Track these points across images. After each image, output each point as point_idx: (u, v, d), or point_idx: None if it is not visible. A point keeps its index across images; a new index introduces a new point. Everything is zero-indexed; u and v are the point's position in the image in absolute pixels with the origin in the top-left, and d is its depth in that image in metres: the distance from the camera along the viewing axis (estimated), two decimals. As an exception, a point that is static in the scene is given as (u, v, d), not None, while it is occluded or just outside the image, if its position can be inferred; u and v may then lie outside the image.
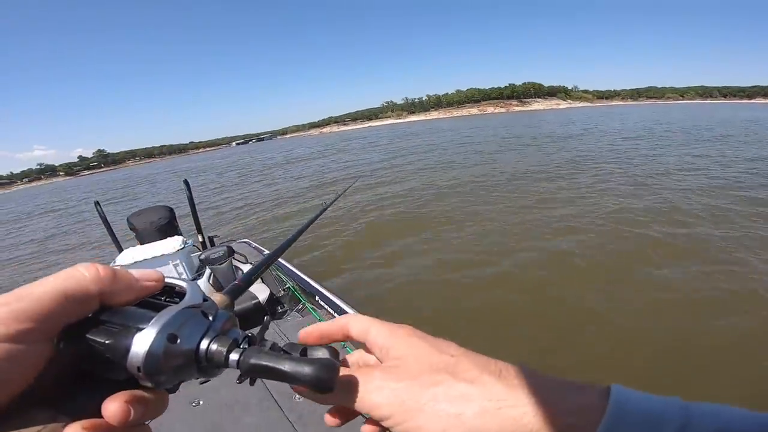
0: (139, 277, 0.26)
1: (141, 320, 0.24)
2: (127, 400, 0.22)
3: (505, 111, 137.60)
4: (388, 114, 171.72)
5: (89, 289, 0.24)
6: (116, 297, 0.25)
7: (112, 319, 0.24)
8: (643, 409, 0.22)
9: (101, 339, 0.23)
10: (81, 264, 0.25)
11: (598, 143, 16.57)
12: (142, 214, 3.56)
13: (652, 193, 7.57)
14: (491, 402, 0.23)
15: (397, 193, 9.87)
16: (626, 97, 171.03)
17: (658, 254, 4.65)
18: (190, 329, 0.25)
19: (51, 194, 39.69)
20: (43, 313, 0.22)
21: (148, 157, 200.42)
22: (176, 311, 0.25)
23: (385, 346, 0.29)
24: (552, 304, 3.83)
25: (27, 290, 0.22)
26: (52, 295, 0.22)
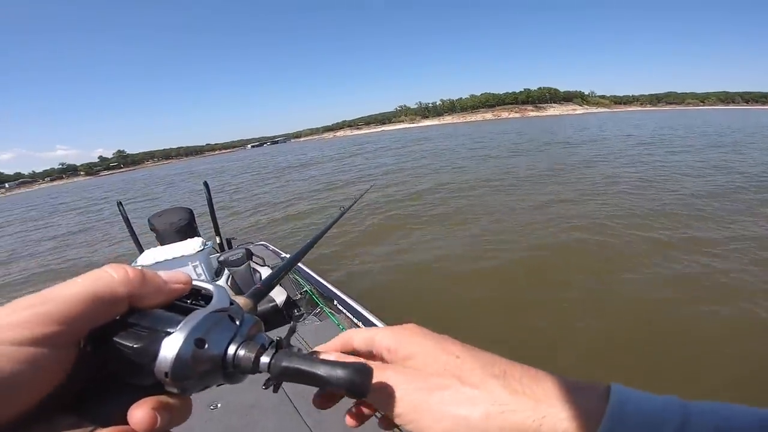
0: (168, 280, 0.26)
1: (169, 324, 0.24)
2: (154, 407, 0.22)
3: (520, 116, 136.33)
4: (402, 118, 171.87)
5: (118, 292, 0.23)
6: (144, 300, 0.25)
7: (140, 322, 0.24)
8: (643, 409, 0.22)
9: (129, 343, 0.23)
10: (110, 265, 0.24)
11: (611, 149, 16.25)
12: (163, 215, 3.61)
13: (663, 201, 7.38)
14: (494, 406, 0.24)
15: (408, 195, 9.95)
16: (645, 102, 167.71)
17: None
18: (218, 334, 0.25)
19: (72, 194, 40.79)
20: (70, 316, 0.21)
21: (166, 158, 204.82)
22: (203, 315, 0.24)
23: (392, 347, 0.29)
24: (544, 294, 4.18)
25: (54, 292, 0.22)
26: (79, 297, 0.22)
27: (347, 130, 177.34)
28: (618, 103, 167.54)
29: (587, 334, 3.42)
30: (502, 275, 4.78)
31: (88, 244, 10.57)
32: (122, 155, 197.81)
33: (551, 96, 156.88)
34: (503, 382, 0.25)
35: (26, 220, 20.40)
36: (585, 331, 3.47)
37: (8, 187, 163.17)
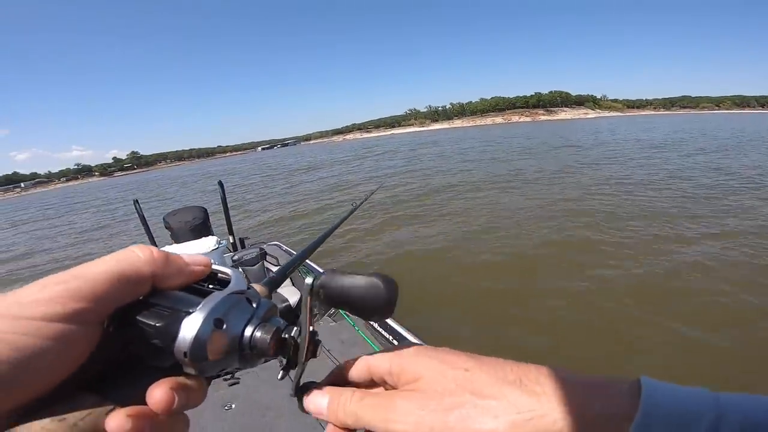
0: (189, 262, 0.27)
1: (189, 304, 0.24)
2: (172, 387, 0.22)
3: (530, 120, 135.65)
4: (411, 122, 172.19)
5: (143, 271, 0.24)
6: (167, 280, 0.25)
7: (162, 303, 0.24)
8: (676, 403, 0.21)
9: (152, 322, 0.23)
10: (136, 245, 0.25)
11: (621, 152, 16.01)
12: (178, 214, 3.62)
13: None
14: (520, 414, 0.23)
15: (415, 196, 9.98)
16: (658, 106, 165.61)
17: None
18: (236, 315, 0.25)
19: (87, 194, 41.62)
20: (98, 294, 0.21)
21: (178, 160, 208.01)
22: (222, 296, 0.25)
23: (393, 371, 0.28)
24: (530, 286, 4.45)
25: (83, 269, 0.22)
26: (108, 275, 0.22)
27: (356, 133, 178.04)
28: (631, 107, 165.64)
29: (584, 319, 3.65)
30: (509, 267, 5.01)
31: (104, 240, 10.83)
32: (136, 156, 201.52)
33: (563, 100, 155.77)
34: (521, 387, 0.24)
35: (42, 218, 20.85)
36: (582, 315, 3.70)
37: (24, 187, 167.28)
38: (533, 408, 0.23)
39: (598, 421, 0.21)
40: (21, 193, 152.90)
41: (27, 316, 0.20)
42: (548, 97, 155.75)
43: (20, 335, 0.19)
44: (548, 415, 0.22)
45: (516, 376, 0.25)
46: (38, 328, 0.20)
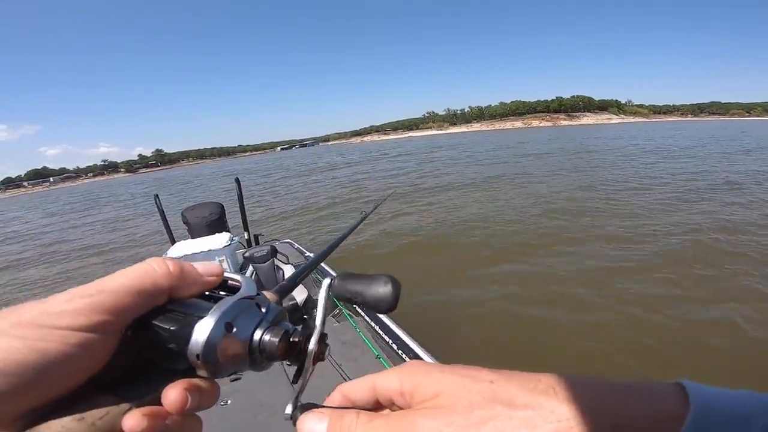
0: (203, 272, 0.28)
1: (202, 310, 0.25)
2: (186, 388, 0.24)
3: (551, 125, 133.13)
4: (429, 125, 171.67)
5: (161, 285, 0.25)
6: (183, 290, 0.26)
7: (177, 309, 0.26)
8: (726, 407, 0.20)
9: (166, 326, 0.24)
10: (153, 259, 0.26)
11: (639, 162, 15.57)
12: (195, 209, 3.74)
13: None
14: (561, 423, 0.21)
15: (428, 201, 10.00)
16: (686, 112, 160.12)
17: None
18: (245, 319, 0.26)
19: (113, 188, 43.03)
20: (119, 307, 0.23)
21: (200, 158, 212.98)
22: (233, 301, 0.26)
23: (405, 390, 0.26)
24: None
25: (106, 283, 0.24)
26: (128, 289, 0.24)
27: (374, 135, 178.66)
28: (657, 112, 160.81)
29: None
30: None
31: (128, 233, 11.35)
32: (160, 154, 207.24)
33: (585, 105, 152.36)
34: (557, 396, 0.22)
35: (70, 211, 21.76)
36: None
37: (52, 181, 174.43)
38: (572, 415, 0.21)
39: (645, 423, 0.20)
40: (50, 187, 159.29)
41: (54, 326, 0.21)
42: (570, 101, 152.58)
43: (47, 342, 0.21)
44: (591, 423, 0.21)
45: (547, 386, 0.23)
46: (63, 337, 0.21)
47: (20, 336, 0.20)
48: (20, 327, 0.21)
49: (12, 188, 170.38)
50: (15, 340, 0.20)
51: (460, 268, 5.26)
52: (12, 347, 0.20)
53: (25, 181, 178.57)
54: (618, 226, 6.54)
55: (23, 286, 7.57)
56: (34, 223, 18.97)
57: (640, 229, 6.32)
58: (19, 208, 34.22)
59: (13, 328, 0.21)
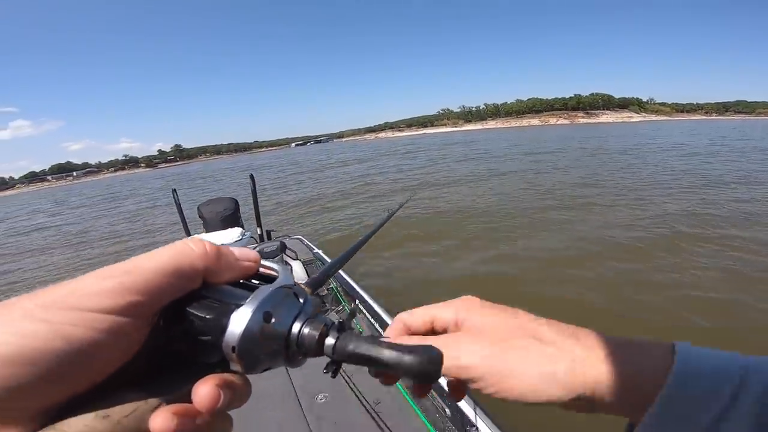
0: (239, 257, 0.26)
1: (238, 298, 0.24)
2: (218, 384, 0.22)
3: (569, 123, 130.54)
4: (444, 122, 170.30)
5: (196, 265, 0.23)
6: (218, 275, 0.25)
7: (212, 295, 0.24)
8: (706, 366, 0.23)
9: (202, 314, 0.23)
10: (189, 238, 0.25)
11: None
12: (210, 204, 3.90)
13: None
14: (575, 363, 0.26)
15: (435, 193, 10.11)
16: (710, 111, 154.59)
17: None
18: (284, 310, 0.25)
19: (132, 183, 44.18)
20: (153, 287, 0.21)
21: (217, 154, 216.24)
22: (271, 290, 0.24)
23: (458, 319, 0.30)
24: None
25: (139, 262, 0.22)
26: (162, 269, 0.22)
27: (389, 131, 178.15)
28: (680, 111, 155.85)
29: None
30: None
31: (146, 223, 11.85)
32: (179, 149, 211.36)
33: (605, 102, 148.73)
34: (578, 341, 0.27)
35: (90, 204, 22.52)
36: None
37: (76, 176, 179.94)
38: (585, 358, 0.26)
39: (639, 374, 0.25)
40: (73, 181, 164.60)
41: (82, 307, 0.20)
42: (589, 99, 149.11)
43: (74, 326, 0.19)
44: (596, 366, 0.25)
45: (572, 332, 0.28)
46: (92, 320, 0.19)
47: (45, 319, 0.18)
48: (46, 309, 0.19)
49: (36, 182, 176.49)
50: (40, 323, 0.18)
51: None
52: (36, 332, 0.18)
53: (48, 175, 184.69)
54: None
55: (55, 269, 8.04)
56: (64, 216, 19.71)
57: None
58: (47, 201, 35.48)
59: (38, 309, 0.19)
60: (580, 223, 6.71)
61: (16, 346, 0.18)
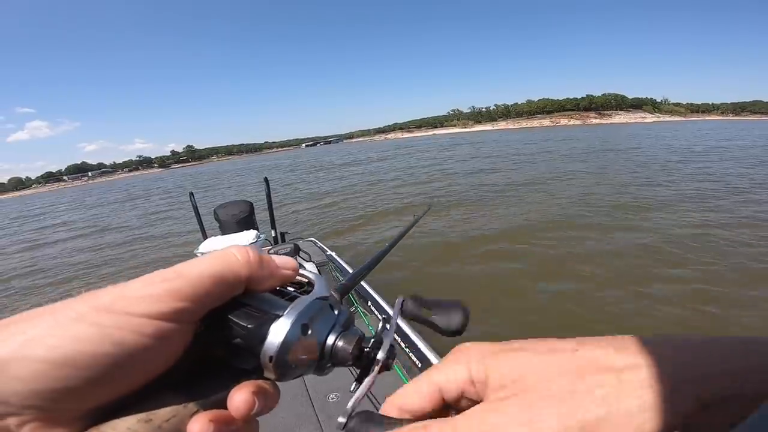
0: (280, 265, 0.26)
1: (278, 308, 0.24)
2: (254, 391, 0.22)
3: (580, 123, 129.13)
4: (454, 123, 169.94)
5: (240, 273, 0.24)
6: (260, 283, 0.25)
7: (252, 303, 0.24)
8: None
9: (243, 322, 0.23)
10: (234, 246, 0.25)
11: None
12: (226, 207, 3.97)
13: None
14: (662, 380, 0.19)
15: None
16: (726, 111, 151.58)
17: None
18: (321, 322, 0.25)
19: (145, 185, 44.92)
20: (198, 294, 0.22)
21: (228, 154, 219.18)
22: (309, 302, 0.25)
23: (477, 378, 0.22)
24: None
25: (185, 268, 0.22)
26: (208, 275, 0.22)
27: (398, 132, 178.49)
28: (695, 111, 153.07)
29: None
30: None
31: (167, 224, 12.04)
32: (191, 150, 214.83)
33: (617, 103, 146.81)
34: (647, 357, 0.20)
35: (105, 203, 23.01)
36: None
37: (91, 176, 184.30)
38: (670, 371, 0.19)
39: (732, 378, 0.18)
40: (88, 181, 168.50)
41: (131, 312, 0.20)
42: (601, 99, 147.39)
43: (123, 330, 0.19)
44: (678, 388, 0.18)
45: (632, 341, 0.21)
46: (140, 325, 0.20)
47: (96, 322, 0.19)
48: (97, 312, 0.20)
49: (53, 182, 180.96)
50: (91, 327, 0.19)
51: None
52: (87, 336, 0.19)
53: (65, 176, 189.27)
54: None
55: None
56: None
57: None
58: (65, 200, 36.30)
59: (90, 312, 0.19)
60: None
61: (69, 350, 0.18)
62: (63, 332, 0.19)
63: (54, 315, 0.19)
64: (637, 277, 4.49)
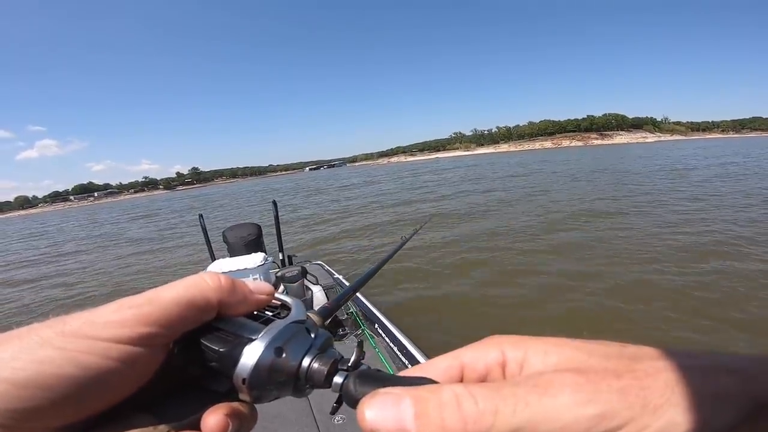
0: (254, 290, 0.27)
1: (251, 331, 0.24)
2: (227, 413, 0.22)
3: (582, 144, 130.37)
4: (456, 146, 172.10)
5: (211, 298, 0.24)
6: (232, 308, 0.25)
7: (226, 328, 0.25)
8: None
9: (215, 346, 0.23)
10: (205, 272, 0.25)
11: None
12: (235, 229, 3.97)
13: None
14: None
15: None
16: (727, 129, 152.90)
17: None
18: (295, 345, 0.25)
19: (148, 206, 45.35)
20: (168, 319, 0.22)
21: (233, 177, 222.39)
22: (284, 325, 0.25)
23: (511, 358, 0.21)
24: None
25: (155, 294, 0.23)
26: (178, 301, 0.22)
27: (401, 156, 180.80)
28: (695, 129, 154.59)
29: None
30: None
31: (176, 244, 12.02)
32: (196, 172, 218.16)
33: (618, 123, 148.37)
34: (675, 356, 0.18)
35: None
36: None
37: (96, 197, 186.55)
38: (724, 363, 0.18)
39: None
40: (94, 201, 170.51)
41: (97, 337, 0.20)
42: (602, 120, 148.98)
43: (87, 354, 0.20)
44: (730, 374, 0.17)
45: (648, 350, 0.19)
46: (106, 349, 0.20)
47: (61, 347, 0.20)
48: (63, 337, 0.20)
49: (59, 202, 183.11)
50: (56, 350, 0.19)
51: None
52: (51, 358, 0.19)
53: (71, 195, 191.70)
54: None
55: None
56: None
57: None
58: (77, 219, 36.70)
59: (56, 337, 0.20)
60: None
61: (32, 372, 0.19)
62: (28, 356, 0.19)
63: (20, 339, 0.20)
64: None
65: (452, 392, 0.17)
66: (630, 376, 0.17)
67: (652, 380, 0.16)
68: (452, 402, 0.17)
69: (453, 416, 0.16)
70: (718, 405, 0.16)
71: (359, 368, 0.25)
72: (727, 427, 0.16)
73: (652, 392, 0.16)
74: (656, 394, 0.16)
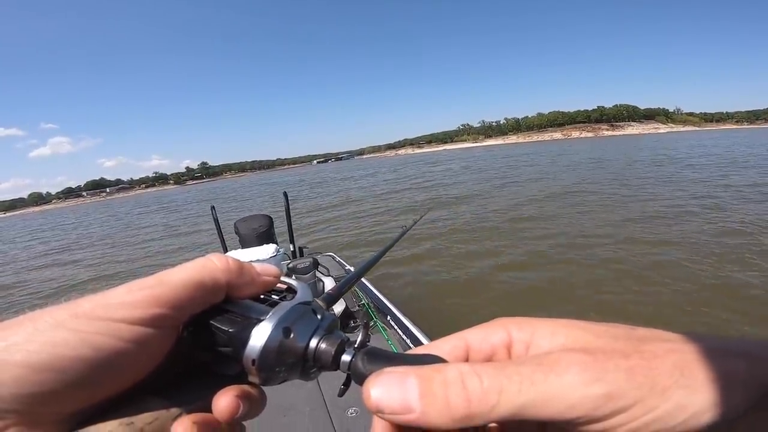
0: (261, 272, 0.27)
1: (259, 313, 0.24)
2: (238, 395, 0.22)
3: (592, 136, 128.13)
4: (464, 137, 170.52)
5: (220, 280, 0.24)
6: (239, 289, 0.26)
7: (234, 309, 0.25)
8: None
9: (225, 327, 0.24)
10: (213, 254, 0.25)
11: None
12: (247, 221, 4.00)
13: None
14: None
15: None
16: (741, 120, 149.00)
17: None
18: (303, 326, 0.25)
19: (160, 200, 45.87)
20: (179, 300, 0.22)
21: (242, 171, 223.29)
22: (291, 306, 0.25)
23: (517, 339, 0.21)
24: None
25: (166, 276, 0.23)
26: (188, 282, 0.23)
27: (409, 148, 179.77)
28: (708, 120, 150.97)
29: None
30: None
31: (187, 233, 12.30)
32: (205, 167, 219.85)
33: (629, 114, 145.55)
34: (690, 335, 0.19)
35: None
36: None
37: (108, 192, 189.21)
38: (732, 348, 0.18)
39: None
40: (106, 197, 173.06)
41: (110, 318, 0.20)
42: (613, 111, 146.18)
43: (101, 335, 0.20)
44: (738, 359, 0.17)
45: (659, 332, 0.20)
46: (119, 330, 0.20)
47: (74, 328, 0.20)
48: (76, 318, 0.20)
49: (72, 198, 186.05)
50: (69, 332, 0.19)
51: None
52: (66, 340, 0.19)
53: (84, 191, 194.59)
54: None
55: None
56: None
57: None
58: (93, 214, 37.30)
59: (70, 319, 0.20)
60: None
61: (47, 354, 0.19)
62: (42, 338, 0.19)
63: (34, 322, 0.20)
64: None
65: (457, 371, 0.17)
66: (638, 357, 0.17)
67: (661, 361, 0.16)
68: (457, 380, 0.17)
69: (457, 395, 0.17)
70: (727, 388, 0.16)
71: (366, 347, 0.25)
72: (736, 410, 0.15)
73: (661, 373, 0.16)
74: (664, 376, 0.16)
